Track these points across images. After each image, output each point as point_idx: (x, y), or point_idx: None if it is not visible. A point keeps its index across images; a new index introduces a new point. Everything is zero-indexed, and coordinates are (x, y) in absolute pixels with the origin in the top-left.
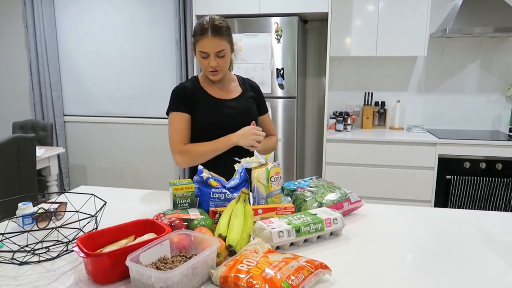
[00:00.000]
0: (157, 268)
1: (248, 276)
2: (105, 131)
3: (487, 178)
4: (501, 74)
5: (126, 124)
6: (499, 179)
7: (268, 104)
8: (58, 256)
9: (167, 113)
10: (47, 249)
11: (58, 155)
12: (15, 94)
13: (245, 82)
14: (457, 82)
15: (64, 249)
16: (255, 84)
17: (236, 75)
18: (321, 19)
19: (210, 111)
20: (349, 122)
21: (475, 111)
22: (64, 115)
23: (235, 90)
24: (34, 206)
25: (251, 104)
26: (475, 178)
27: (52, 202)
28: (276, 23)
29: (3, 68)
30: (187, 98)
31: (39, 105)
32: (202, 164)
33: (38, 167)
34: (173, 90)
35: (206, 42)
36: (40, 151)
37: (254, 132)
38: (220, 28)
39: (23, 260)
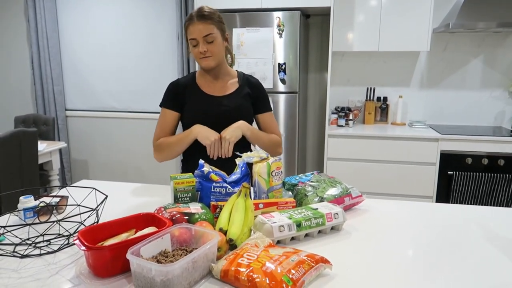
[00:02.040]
0: (158, 261)
1: (248, 270)
2: (107, 126)
3: (489, 174)
4: (504, 70)
5: (127, 119)
6: (501, 175)
7: (269, 100)
8: (59, 249)
9: (160, 105)
10: (48, 242)
11: (60, 150)
12: (17, 88)
13: (243, 79)
14: (459, 78)
15: (65, 243)
16: (256, 80)
17: (238, 71)
18: (323, 14)
19: (197, 107)
20: (351, 117)
21: (478, 107)
22: (66, 110)
23: (231, 87)
24: (35, 200)
25: (244, 101)
26: (477, 174)
27: (53, 196)
28: (278, 17)
29: (5, 63)
30: (178, 94)
31: (41, 100)
32: (203, 158)
33: (40, 162)
34: (168, 85)
35: (193, 28)
36: (42, 146)
37: (213, 141)
38: (207, 15)
39: (25, 253)
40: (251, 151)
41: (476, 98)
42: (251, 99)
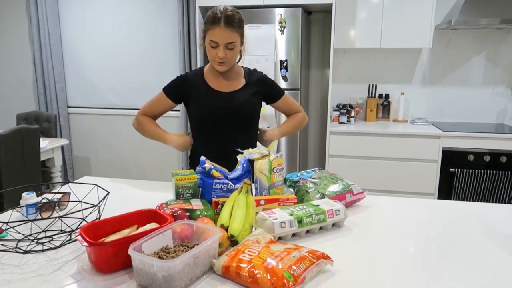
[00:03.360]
0: (159, 257)
1: (250, 266)
2: (109, 123)
3: (491, 171)
4: (506, 67)
5: (129, 116)
6: (503, 172)
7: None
8: (61, 245)
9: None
10: (51, 238)
11: (62, 147)
12: (19, 85)
13: (250, 75)
14: (462, 75)
15: (67, 238)
16: (259, 74)
17: (243, 67)
18: (325, 11)
19: (204, 102)
20: (352, 114)
21: (480, 104)
22: (68, 107)
23: (238, 83)
24: (37, 196)
25: (250, 98)
26: (479, 171)
27: (55, 192)
28: (280, 14)
29: (7, 60)
30: (183, 88)
31: (43, 97)
32: (204, 155)
33: (42, 159)
34: (177, 76)
35: (218, 32)
36: (44, 143)
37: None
38: (233, 19)
39: (27, 249)
40: (255, 145)
41: (478, 95)
42: (261, 94)
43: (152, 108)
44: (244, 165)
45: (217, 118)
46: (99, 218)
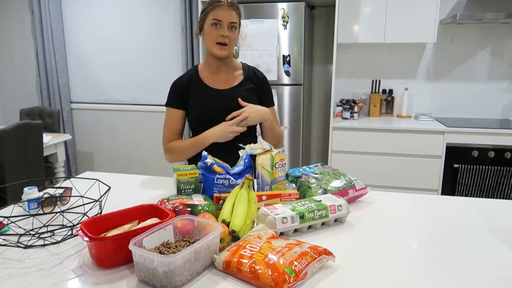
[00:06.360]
0: (160, 252)
1: (251, 261)
2: (112, 118)
3: (495, 167)
4: (511, 62)
5: (132, 111)
6: (508, 168)
7: (274, 92)
8: (62, 240)
9: (165, 105)
10: (52, 233)
11: (65, 142)
12: (22, 81)
13: (249, 71)
14: (466, 70)
15: (69, 233)
16: (261, 74)
17: (242, 63)
18: (329, 5)
19: (202, 101)
20: (356, 110)
21: (485, 99)
22: (71, 102)
23: (235, 79)
24: (39, 191)
25: (248, 94)
26: (483, 167)
27: (57, 187)
28: (283, 9)
29: (10, 56)
30: (182, 91)
31: (46, 92)
32: (206, 150)
33: (45, 154)
34: (171, 84)
35: (222, 11)
36: (47, 138)
37: (230, 130)
38: (235, 4)
39: (28, 244)
40: (255, 142)
41: (483, 90)
42: (255, 92)
43: (169, 129)
44: (246, 160)
45: (216, 116)
46: (100, 213)
